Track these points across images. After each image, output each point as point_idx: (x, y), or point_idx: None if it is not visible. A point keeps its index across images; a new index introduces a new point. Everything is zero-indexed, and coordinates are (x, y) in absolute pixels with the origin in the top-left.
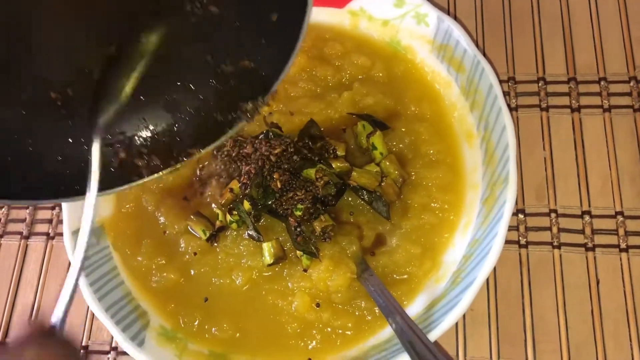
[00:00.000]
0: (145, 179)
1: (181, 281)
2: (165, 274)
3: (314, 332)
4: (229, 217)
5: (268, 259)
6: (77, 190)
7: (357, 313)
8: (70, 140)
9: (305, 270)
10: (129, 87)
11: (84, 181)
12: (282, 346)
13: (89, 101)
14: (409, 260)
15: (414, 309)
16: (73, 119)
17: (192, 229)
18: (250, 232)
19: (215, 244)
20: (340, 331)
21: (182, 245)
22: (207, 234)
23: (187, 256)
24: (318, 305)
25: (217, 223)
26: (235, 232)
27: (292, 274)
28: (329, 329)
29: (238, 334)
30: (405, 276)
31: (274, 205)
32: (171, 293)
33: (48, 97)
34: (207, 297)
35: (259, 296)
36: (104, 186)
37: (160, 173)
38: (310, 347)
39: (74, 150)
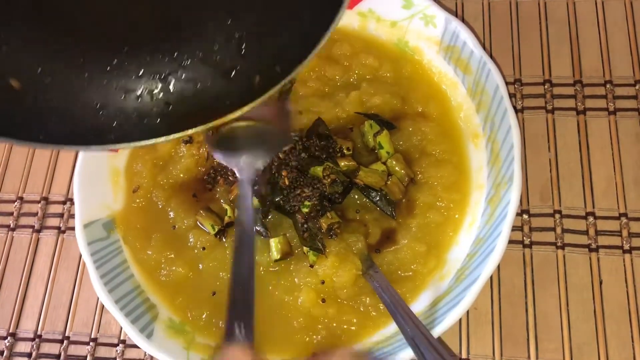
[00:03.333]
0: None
1: (190, 275)
2: (174, 268)
3: (319, 327)
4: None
5: (275, 254)
6: (112, 139)
7: (361, 309)
8: (109, 88)
9: (311, 266)
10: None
11: (119, 130)
12: (288, 340)
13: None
14: (414, 257)
15: (418, 305)
16: (114, 65)
17: (201, 224)
18: (258, 228)
19: (224, 239)
20: (345, 326)
21: (191, 240)
22: (216, 229)
23: (195, 251)
24: (323, 300)
25: (226, 219)
26: None
27: (299, 269)
28: (334, 324)
29: None
30: (410, 273)
31: (281, 202)
32: (180, 287)
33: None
34: (215, 291)
35: (266, 291)
36: (150, 135)
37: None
38: (315, 341)
39: (111, 98)
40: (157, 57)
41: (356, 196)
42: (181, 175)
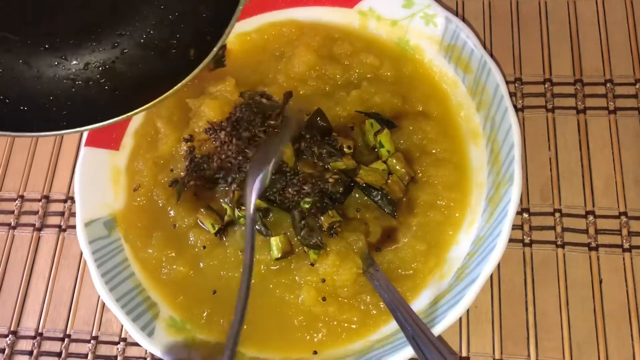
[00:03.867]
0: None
1: (190, 274)
2: (175, 267)
3: (320, 325)
4: (237, 213)
5: (276, 253)
6: (64, 125)
7: (362, 307)
8: (58, 80)
9: (312, 265)
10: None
11: (69, 117)
12: (289, 339)
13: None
14: (415, 256)
15: (418, 304)
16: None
17: (201, 223)
18: (259, 227)
19: (224, 238)
20: (345, 325)
21: (191, 239)
22: (216, 228)
23: (196, 249)
24: (324, 299)
25: (226, 218)
26: (243, 227)
27: (299, 267)
28: (335, 323)
29: (245, 326)
30: (411, 272)
31: (277, 197)
32: (180, 285)
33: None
34: (216, 290)
35: (267, 289)
36: (102, 118)
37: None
38: (316, 339)
39: (61, 89)
40: (101, 48)
41: (357, 195)
42: (182, 174)
